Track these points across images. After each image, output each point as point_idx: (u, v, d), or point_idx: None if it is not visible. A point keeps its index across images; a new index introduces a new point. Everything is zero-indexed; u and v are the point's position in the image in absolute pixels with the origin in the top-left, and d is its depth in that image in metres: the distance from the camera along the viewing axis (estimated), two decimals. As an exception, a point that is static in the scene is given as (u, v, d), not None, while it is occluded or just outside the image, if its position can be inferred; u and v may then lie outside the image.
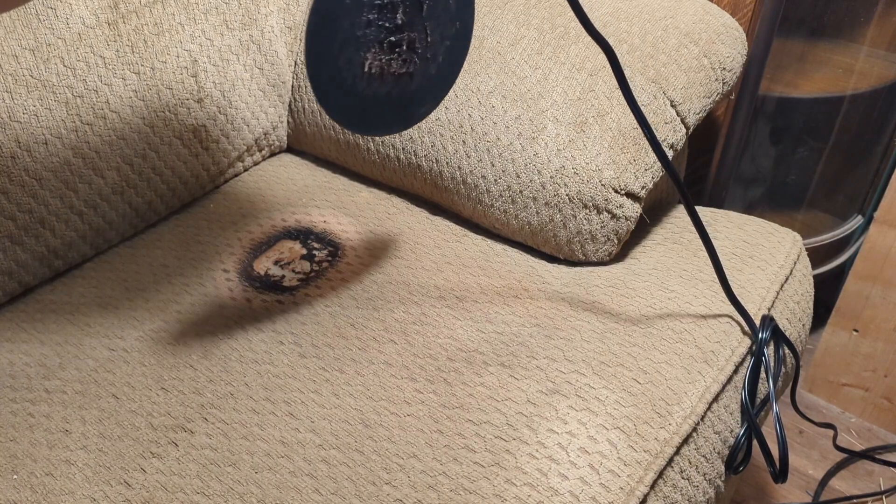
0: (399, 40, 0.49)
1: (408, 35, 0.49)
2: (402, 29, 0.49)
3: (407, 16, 0.48)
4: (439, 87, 0.54)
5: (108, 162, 0.74)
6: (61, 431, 0.58)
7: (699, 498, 0.59)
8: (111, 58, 0.74)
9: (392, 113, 0.54)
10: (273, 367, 0.62)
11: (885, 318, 1.06)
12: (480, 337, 0.64)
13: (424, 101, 0.55)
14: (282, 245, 0.76)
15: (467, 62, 0.77)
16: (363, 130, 0.55)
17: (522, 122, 0.73)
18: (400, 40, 0.49)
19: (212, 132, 0.83)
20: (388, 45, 0.49)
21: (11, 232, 0.69)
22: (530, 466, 0.53)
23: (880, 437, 1.13)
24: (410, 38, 0.49)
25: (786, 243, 0.76)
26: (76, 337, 0.66)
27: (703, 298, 0.67)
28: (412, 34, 0.49)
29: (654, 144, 0.55)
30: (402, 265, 0.73)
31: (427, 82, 0.53)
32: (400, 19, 0.48)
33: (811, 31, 1.09)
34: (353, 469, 0.54)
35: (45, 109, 0.69)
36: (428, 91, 0.54)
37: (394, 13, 0.48)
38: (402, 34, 0.49)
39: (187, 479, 0.54)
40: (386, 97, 0.52)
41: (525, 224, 0.74)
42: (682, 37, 0.75)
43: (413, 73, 0.51)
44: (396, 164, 0.81)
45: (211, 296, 0.70)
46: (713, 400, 0.60)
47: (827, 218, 1.21)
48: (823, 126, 1.12)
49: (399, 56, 0.50)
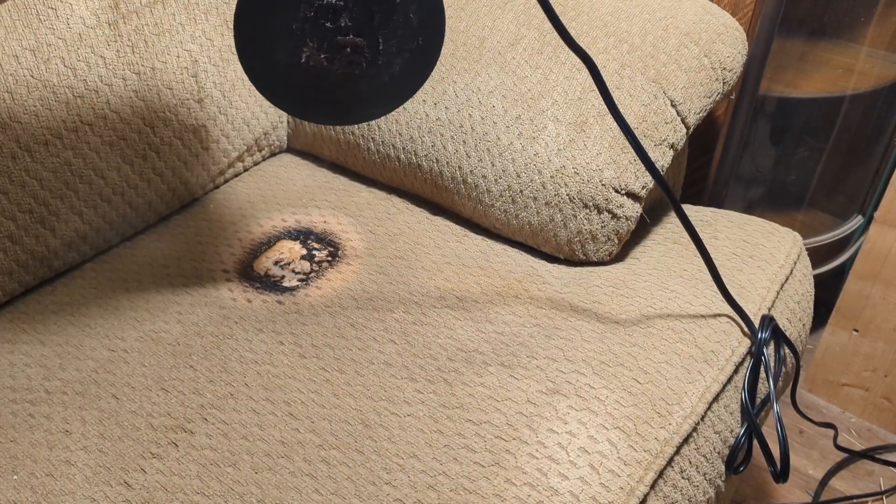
0: (344, 43, 0.51)
1: (354, 39, 0.51)
2: (347, 32, 0.50)
3: (354, 21, 0.50)
4: (393, 95, 0.55)
5: (108, 162, 0.74)
6: (61, 432, 0.58)
7: (699, 498, 0.59)
8: (112, 58, 0.74)
9: (332, 106, 0.55)
10: (273, 368, 0.62)
11: (885, 318, 1.06)
12: (480, 337, 0.64)
13: (374, 105, 0.56)
14: (282, 245, 0.76)
15: (467, 62, 0.77)
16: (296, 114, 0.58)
17: (523, 122, 0.73)
18: (345, 43, 0.51)
19: (212, 132, 0.83)
20: (331, 44, 0.51)
21: (12, 232, 0.69)
22: (530, 466, 0.53)
23: (880, 436, 1.13)
24: (357, 44, 0.51)
25: (786, 243, 0.76)
26: (76, 337, 0.66)
27: (703, 298, 0.67)
28: (360, 40, 0.51)
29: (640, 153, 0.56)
30: (402, 265, 0.73)
31: (378, 88, 0.54)
32: (344, 23, 0.50)
33: (811, 31, 1.09)
34: (353, 469, 0.54)
35: (45, 110, 0.69)
36: (379, 96, 0.55)
37: (336, 16, 0.50)
38: (346, 37, 0.51)
39: (187, 480, 0.54)
40: (327, 91, 0.54)
41: (525, 224, 0.74)
42: (683, 37, 0.75)
43: (360, 76, 0.52)
44: (397, 164, 0.81)
45: (211, 296, 0.70)
46: (713, 400, 0.60)
47: (827, 218, 1.21)
48: (823, 126, 1.12)
49: (344, 57, 0.51)
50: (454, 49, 0.78)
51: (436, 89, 0.78)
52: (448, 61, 0.78)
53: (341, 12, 0.50)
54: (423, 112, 0.78)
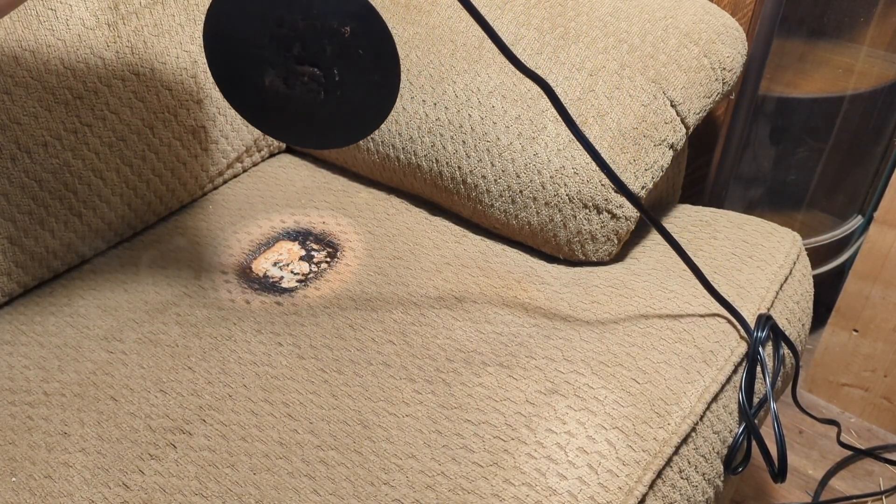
0: (301, 71, 0.53)
1: (310, 68, 0.53)
2: (303, 61, 0.52)
3: (307, 51, 0.52)
4: (357, 125, 0.56)
5: (107, 163, 0.74)
6: (60, 434, 0.58)
7: (698, 498, 0.59)
8: (111, 59, 0.74)
9: (299, 129, 0.57)
10: (271, 369, 0.62)
11: (885, 318, 1.06)
12: (479, 337, 0.64)
13: (339, 133, 0.57)
14: (281, 246, 0.76)
15: (467, 62, 0.77)
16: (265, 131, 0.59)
17: (522, 122, 0.73)
18: (302, 71, 0.53)
19: (211, 133, 0.83)
20: (291, 70, 0.53)
21: (11, 233, 0.69)
22: (529, 466, 0.53)
23: (880, 436, 1.13)
24: (313, 73, 0.53)
25: (785, 243, 0.76)
26: (75, 339, 0.66)
27: (702, 298, 0.67)
28: (315, 70, 0.53)
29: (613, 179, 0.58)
30: (400, 266, 0.73)
31: (342, 117, 0.55)
32: (297, 52, 0.52)
33: (811, 31, 1.09)
34: (352, 470, 0.54)
35: (44, 111, 0.69)
36: (343, 125, 0.56)
37: (289, 45, 0.52)
38: (303, 66, 0.53)
39: (185, 481, 0.54)
40: (293, 114, 0.56)
41: (525, 224, 0.74)
42: (683, 37, 0.75)
43: (319, 104, 0.54)
44: (396, 164, 0.81)
45: (210, 297, 0.70)
46: (712, 400, 0.60)
47: (827, 218, 1.21)
48: (823, 126, 1.12)
49: (302, 84, 0.53)
50: (454, 49, 0.78)
51: (435, 89, 0.78)
52: (448, 61, 0.78)
53: (294, 42, 0.52)
54: (422, 112, 0.78)
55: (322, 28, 0.50)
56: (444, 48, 0.79)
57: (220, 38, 0.54)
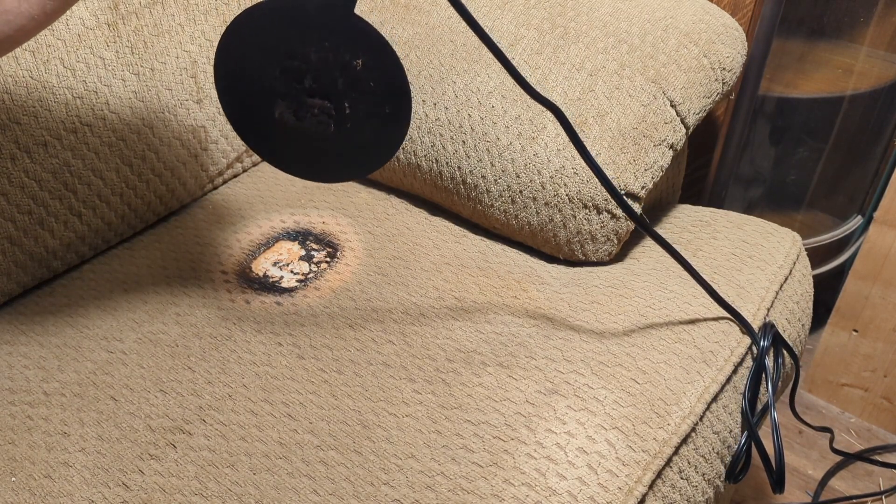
0: (312, 104, 0.52)
1: (321, 101, 0.52)
2: (314, 94, 0.52)
3: (318, 84, 0.51)
4: (364, 159, 0.55)
5: (107, 163, 0.74)
6: (60, 434, 0.58)
7: (698, 498, 0.59)
8: (111, 59, 0.74)
9: (306, 162, 0.57)
10: (271, 369, 0.62)
11: (885, 318, 1.06)
12: (479, 337, 0.64)
13: (347, 167, 0.56)
14: (280, 246, 0.76)
15: (467, 62, 0.77)
16: (273, 163, 0.58)
17: (522, 122, 0.73)
18: (312, 104, 0.52)
19: (211, 133, 0.83)
20: (301, 103, 0.53)
21: (10, 233, 0.69)
22: (528, 466, 0.53)
23: (880, 437, 1.13)
24: (324, 106, 0.52)
25: (785, 243, 0.76)
26: (75, 339, 0.66)
27: (702, 299, 0.67)
28: (326, 102, 0.52)
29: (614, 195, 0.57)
30: (400, 266, 0.73)
31: (351, 150, 0.55)
32: (309, 84, 0.52)
33: (811, 31, 1.09)
34: (352, 470, 0.54)
35: (44, 111, 0.69)
36: (352, 158, 0.55)
37: (300, 77, 0.52)
38: (314, 99, 0.52)
39: (185, 481, 0.54)
40: (301, 146, 0.55)
41: (525, 224, 0.74)
42: (682, 37, 0.75)
43: (330, 137, 0.54)
44: (396, 164, 0.81)
45: (209, 297, 0.70)
46: (712, 400, 0.60)
47: (827, 218, 1.21)
48: (823, 126, 1.12)
49: (313, 117, 0.53)
50: (454, 49, 0.78)
51: (435, 89, 0.78)
52: (448, 61, 0.78)
53: (306, 74, 0.51)
54: (422, 112, 0.78)
55: (334, 61, 0.50)
56: (444, 48, 0.79)
57: (231, 69, 0.53)
